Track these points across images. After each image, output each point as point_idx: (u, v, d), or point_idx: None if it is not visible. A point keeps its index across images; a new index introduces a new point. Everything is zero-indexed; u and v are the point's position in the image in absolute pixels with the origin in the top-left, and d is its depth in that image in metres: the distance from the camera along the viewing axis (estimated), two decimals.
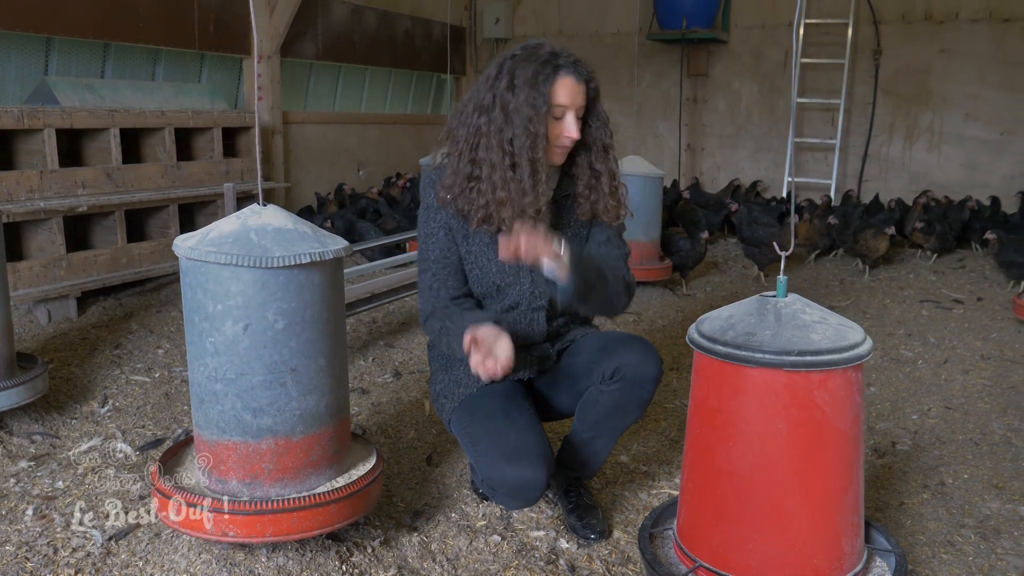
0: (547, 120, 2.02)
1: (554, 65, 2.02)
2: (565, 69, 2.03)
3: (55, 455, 2.62)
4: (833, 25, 7.34)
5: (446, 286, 2.15)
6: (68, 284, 4.07)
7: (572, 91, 2.04)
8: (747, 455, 1.71)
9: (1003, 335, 4.21)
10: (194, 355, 1.91)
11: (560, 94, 2.02)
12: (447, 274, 2.15)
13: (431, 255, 2.16)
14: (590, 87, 2.09)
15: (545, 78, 2.01)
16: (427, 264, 2.17)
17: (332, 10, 6.71)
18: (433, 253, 2.15)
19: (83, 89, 4.60)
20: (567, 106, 2.04)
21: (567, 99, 2.03)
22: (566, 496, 2.28)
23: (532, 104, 2.00)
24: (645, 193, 4.88)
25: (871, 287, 5.27)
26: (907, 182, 7.40)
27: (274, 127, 6.17)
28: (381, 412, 3.07)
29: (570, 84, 2.03)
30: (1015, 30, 6.88)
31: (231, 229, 1.84)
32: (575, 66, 2.05)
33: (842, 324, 1.74)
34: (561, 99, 2.03)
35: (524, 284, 2.16)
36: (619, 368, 2.05)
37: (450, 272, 2.16)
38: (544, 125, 2.02)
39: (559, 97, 2.02)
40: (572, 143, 2.08)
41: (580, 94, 2.06)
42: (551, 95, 2.01)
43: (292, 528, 1.88)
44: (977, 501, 2.45)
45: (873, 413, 3.16)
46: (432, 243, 2.15)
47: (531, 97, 2.00)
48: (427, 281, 2.17)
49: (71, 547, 2.07)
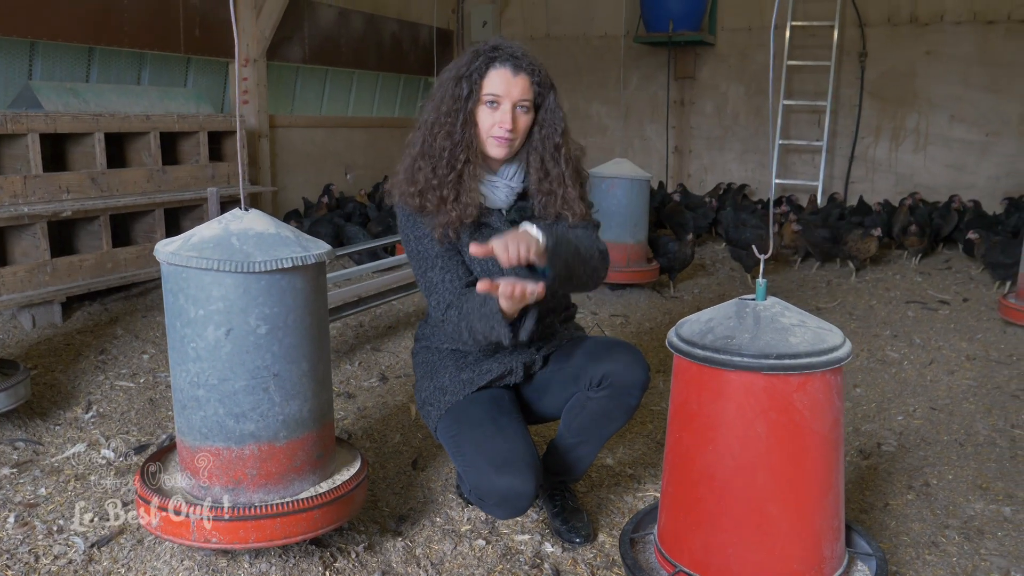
0: (474, 110, 2.04)
1: (489, 57, 2.05)
2: (500, 60, 2.04)
3: (38, 462, 2.60)
4: (819, 27, 7.38)
5: (458, 276, 2.10)
6: (53, 289, 4.04)
7: (507, 81, 2.04)
8: (726, 459, 1.71)
9: (988, 336, 4.23)
10: (176, 360, 1.90)
11: (492, 83, 2.04)
12: (454, 264, 2.11)
13: (431, 251, 2.11)
14: (534, 81, 2.07)
15: (476, 68, 2.04)
16: (431, 261, 2.11)
17: (318, 13, 6.70)
18: (433, 249, 2.11)
19: (67, 93, 4.58)
20: (500, 95, 2.04)
21: (500, 88, 2.04)
22: (551, 500, 2.28)
23: (455, 96, 2.03)
24: (632, 196, 4.89)
25: (857, 288, 5.29)
26: (893, 183, 7.44)
27: (260, 131, 6.16)
28: (367, 416, 3.06)
29: (504, 74, 2.04)
30: (999, 32, 6.92)
31: (212, 234, 1.84)
32: (514, 59, 2.05)
33: (821, 327, 1.74)
34: (493, 88, 2.03)
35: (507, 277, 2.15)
36: (607, 375, 2.05)
37: (456, 263, 2.11)
38: (463, 115, 2.03)
39: (491, 86, 2.03)
40: (509, 134, 2.06)
41: (519, 87, 2.05)
42: (482, 85, 2.03)
43: (275, 534, 1.87)
44: (961, 502, 2.46)
45: (859, 414, 3.17)
46: (427, 242, 2.11)
47: (461, 88, 2.03)
48: (437, 276, 2.11)
49: (52, 554, 2.06)
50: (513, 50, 2.07)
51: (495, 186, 2.15)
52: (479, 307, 1.98)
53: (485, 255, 1.87)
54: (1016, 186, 6.97)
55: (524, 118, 2.09)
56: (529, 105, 2.08)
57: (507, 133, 2.06)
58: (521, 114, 2.07)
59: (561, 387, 2.18)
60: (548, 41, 8.42)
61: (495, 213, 2.16)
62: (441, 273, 2.12)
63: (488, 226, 2.15)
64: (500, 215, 2.17)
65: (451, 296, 2.10)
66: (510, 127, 2.05)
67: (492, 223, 2.15)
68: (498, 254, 1.84)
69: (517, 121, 2.07)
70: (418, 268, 2.15)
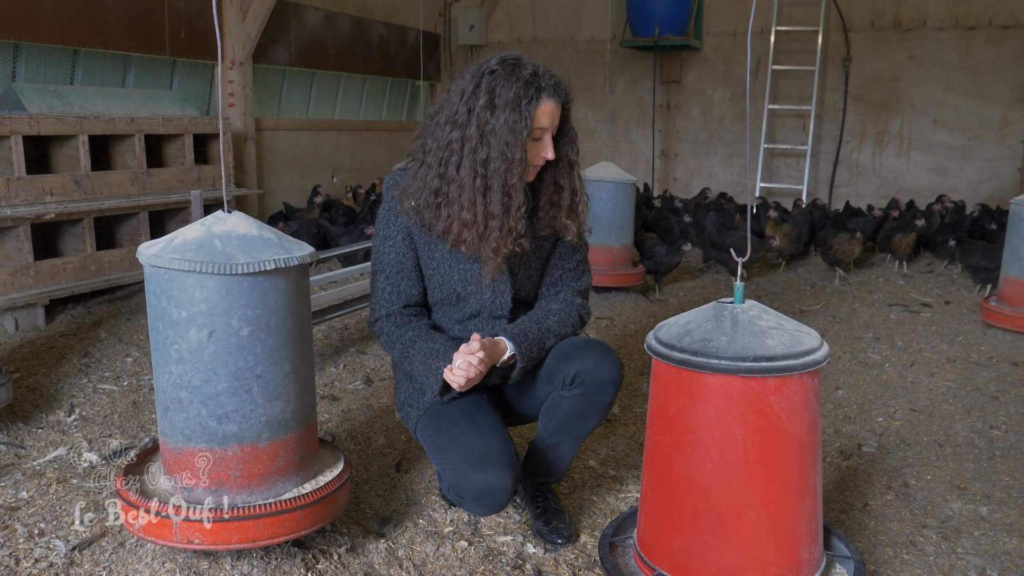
0: (527, 144, 2.01)
1: (537, 87, 1.99)
2: (547, 92, 2.01)
3: (20, 465, 2.59)
4: (804, 32, 7.43)
5: (399, 291, 2.17)
6: (36, 292, 4.03)
7: (552, 114, 2.03)
8: (704, 462, 1.72)
9: (969, 338, 4.28)
10: (159, 362, 1.90)
11: (542, 118, 2.01)
12: (401, 278, 2.17)
13: (386, 258, 2.17)
14: (566, 108, 2.09)
15: (528, 101, 1.98)
16: (381, 267, 2.18)
17: (305, 16, 6.70)
18: (388, 256, 2.16)
19: (51, 96, 4.56)
20: (547, 128, 2.04)
21: (547, 122, 2.03)
22: (533, 501, 2.29)
23: (512, 128, 1.97)
24: (618, 199, 4.91)
25: (841, 291, 5.33)
26: (877, 187, 7.50)
27: (247, 133, 6.15)
28: (351, 419, 3.07)
29: (551, 108, 2.02)
30: (980, 37, 6.99)
31: (195, 236, 1.84)
32: (555, 88, 2.03)
33: (798, 330, 1.76)
34: (542, 122, 2.02)
35: (485, 293, 2.17)
36: (578, 373, 2.07)
37: (404, 277, 2.17)
38: (523, 150, 2.00)
39: (540, 120, 2.01)
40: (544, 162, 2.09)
41: (558, 115, 2.06)
42: (533, 119, 1.99)
43: (258, 535, 1.87)
44: (939, 502, 2.49)
45: (840, 416, 3.19)
46: (389, 246, 2.16)
47: (511, 120, 1.97)
48: (381, 284, 2.19)
49: (33, 557, 2.05)
50: (557, 78, 2.05)
51: None
52: (425, 355, 2.09)
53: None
54: (997, 190, 7.05)
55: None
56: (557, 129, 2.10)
57: (543, 162, 2.07)
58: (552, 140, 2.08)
59: (538, 387, 2.20)
60: (535, 45, 8.44)
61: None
62: (385, 282, 2.18)
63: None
64: None
65: (385, 309, 2.19)
66: (552, 157, 2.06)
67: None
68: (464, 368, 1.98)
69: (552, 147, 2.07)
70: (372, 266, 2.23)
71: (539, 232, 2.19)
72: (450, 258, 2.14)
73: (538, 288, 2.28)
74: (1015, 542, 2.25)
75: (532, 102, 1.98)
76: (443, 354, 2.05)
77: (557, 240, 2.23)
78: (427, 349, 2.09)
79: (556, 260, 2.25)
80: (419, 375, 2.12)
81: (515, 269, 2.18)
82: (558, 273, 2.25)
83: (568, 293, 2.25)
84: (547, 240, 2.22)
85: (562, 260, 2.25)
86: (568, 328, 2.20)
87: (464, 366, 1.96)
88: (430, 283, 2.19)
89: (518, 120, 1.97)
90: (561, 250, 2.24)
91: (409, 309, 2.20)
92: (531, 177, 2.10)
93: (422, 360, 2.08)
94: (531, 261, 2.20)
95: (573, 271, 2.26)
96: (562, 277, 2.25)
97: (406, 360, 2.15)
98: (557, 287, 2.25)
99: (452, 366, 1.99)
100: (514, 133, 1.97)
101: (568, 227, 2.17)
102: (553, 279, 2.26)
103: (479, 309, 2.18)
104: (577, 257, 2.27)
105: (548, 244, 2.23)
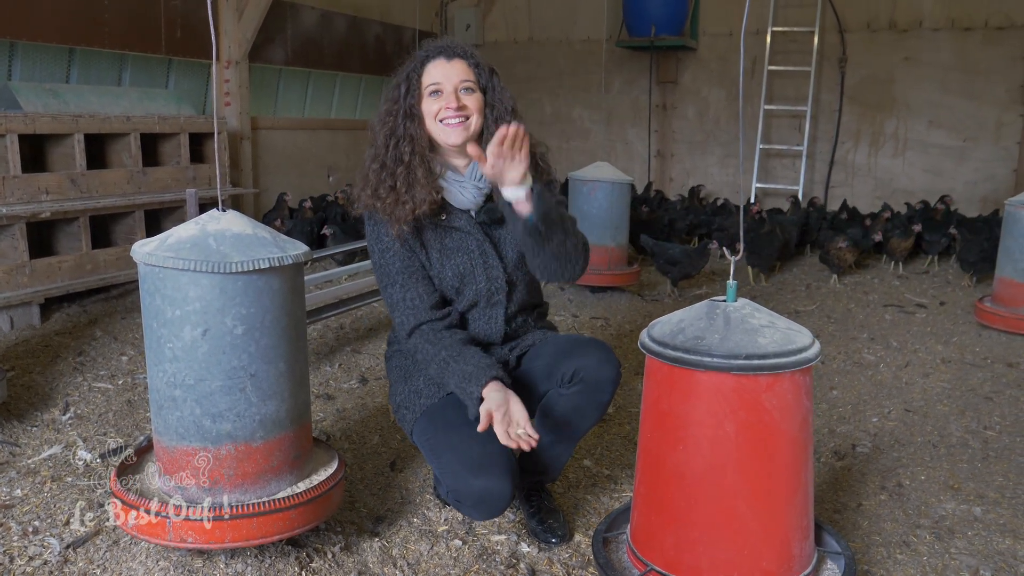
0: (417, 105, 2.09)
1: (422, 56, 2.11)
2: (432, 54, 2.11)
3: (14, 463, 2.59)
4: (799, 33, 7.44)
5: (419, 295, 2.13)
6: (31, 291, 4.02)
7: (443, 68, 2.09)
8: (696, 459, 1.73)
9: (964, 339, 4.29)
10: (153, 361, 1.90)
11: (430, 75, 2.09)
12: (415, 283, 2.13)
13: (393, 268, 2.14)
14: (471, 63, 2.12)
15: (412, 68, 2.11)
16: (391, 278, 2.14)
17: (301, 16, 6.69)
18: (394, 265, 2.14)
19: (47, 94, 4.55)
20: (439, 82, 2.08)
21: (439, 76, 2.09)
22: (528, 500, 2.29)
23: (394, 97, 2.11)
24: (613, 199, 4.92)
25: (836, 292, 5.34)
26: (872, 188, 7.51)
27: (243, 133, 6.15)
28: (346, 418, 3.07)
29: (439, 63, 2.10)
30: (976, 38, 7.00)
31: (190, 235, 1.84)
32: (445, 49, 2.11)
33: (790, 328, 1.76)
34: (432, 78, 2.09)
35: (480, 281, 2.17)
36: (577, 371, 2.06)
37: (417, 280, 2.14)
38: (403, 110, 2.09)
39: (429, 78, 2.09)
40: (458, 113, 2.07)
41: (456, 69, 2.09)
42: (420, 81, 2.09)
43: (251, 534, 1.87)
44: (933, 502, 2.49)
45: (834, 416, 3.20)
46: (390, 256, 2.14)
47: (396, 90, 2.11)
48: (397, 295, 2.14)
49: (27, 555, 2.05)
50: (443, 42, 2.13)
51: (462, 186, 2.16)
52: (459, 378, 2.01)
53: (477, 157, 1.96)
54: (992, 191, 7.06)
55: (471, 98, 2.10)
56: (472, 86, 2.10)
57: (455, 112, 2.07)
58: (466, 94, 2.10)
59: (535, 385, 2.19)
60: (531, 45, 8.45)
61: (463, 215, 2.17)
62: (401, 291, 2.14)
63: (457, 229, 2.16)
64: (469, 217, 2.18)
65: (414, 319, 2.12)
66: (455, 105, 2.07)
67: (461, 226, 2.16)
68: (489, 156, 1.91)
69: (463, 100, 2.09)
70: (380, 283, 2.19)
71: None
72: (441, 256, 2.14)
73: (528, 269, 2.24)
74: (1008, 542, 2.26)
75: (417, 67, 2.11)
76: (475, 378, 1.97)
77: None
78: (461, 372, 2.02)
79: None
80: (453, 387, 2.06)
81: (503, 251, 2.19)
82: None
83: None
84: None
85: None
86: (575, 223, 2.14)
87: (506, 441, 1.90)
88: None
89: (404, 87, 2.10)
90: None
91: (437, 313, 2.14)
92: (454, 137, 2.08)
93: (456, 384, 2.02)
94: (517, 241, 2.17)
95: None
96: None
97: (441, 378, 2.10)
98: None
99: (510, 432, 1.89)
100: (395, 100, 2.11)
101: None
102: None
103: (475, 299, 2.18)
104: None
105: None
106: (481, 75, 2.12)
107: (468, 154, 2.10)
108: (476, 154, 1.96)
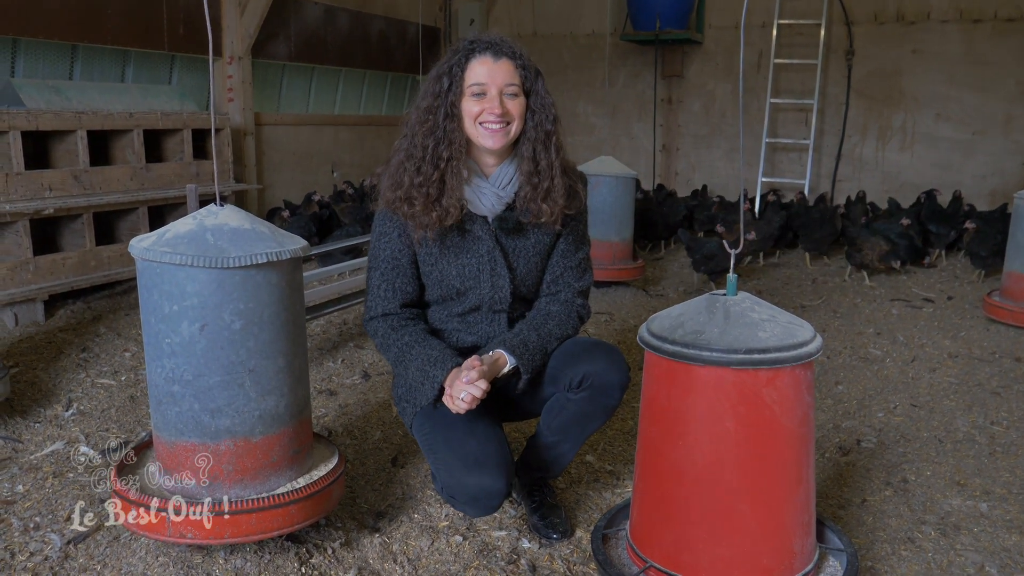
0: (457, 103, 2.03)
1: (468, 49, 2.03)
2: (480, 50, 2.03)
3: (17, 459, 2.59)
4: (806, 26, 7.39)
5: (394, 288, 2.14)
6: (35, 287, 4.02)
7: (490, 68, 2.02)
8: (696, 454, 1.71)
9: (972, 333, 4.26)
10: (151, 356, 1.89)
11: (475, 73, 2.02)
12: (395, 275, 2.14)
13: (381, 254, 2.14)
14: (518, 65, 2.05)
15: (456, 61, 2.03)
16: (376, 263, 2.15)
17: (304, 11, 6.68)
18: (384, 252, 2.14)
19: (50, 91, 4.55)
20: (485, 83, 2.02)
21: (484, 76, 2.02)
22: (529, 496, 2.28)
23: (436, 92, 2.03)
24: (618, 193, 4.90)
25: (843, 286, 5.31)
26: (880, 182, 7.47)
27: (246, 129, 6.14)
28: (348, 414, 3.06)
29: (486, 62, 2.02)
30: (985, 31, 6.95)
31: (187, 230, 1.83)
32: (493, 46, 2.03)
33: (791, 322, 1.74)
34: (477, 77, 2.02)
35: (484, 288, 2.15)
36: (586, 376, 2.04)
37: (398, 274, 2.14)
38: (444, 108, 2.02)
39: (474, 76, 2.02)
40: (499, 119, 2.02)
41: (503, 71, 2.03)
42: (464, 77, 2.02)
43: (251, 529, 1.87)
44: (939, 498, 2.47)
45: (840, 411, 3.18)
46: (384, 242, 2.14)
47: (438, 84, 2.03)
48: (375, 281, 2.15)
49: (28, 551, 2.05)
50: (491, 38, 2.05)
51: (482, 192, 2.11)
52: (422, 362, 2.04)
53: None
54: (1001, 184, 7.01)
55: (514, 102, 2.04)
56: (517, 90, 2.05)
57: (497, 118, 2.02)
58: (510, 99, 2.04)
59: (541, 387, 2.17)
60: (535, 39, 8.41)
61: (479, 220, 2.14)
62: (379, 279, 2.15)
63: (471, 233, 2.13)
64: (485, 222, 2.15)
65: (381, 308, 2.15)
66: (499, 111, 2.02)
67: (475, 231, 2.14)
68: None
69: (506, 105, 2.03)
70: (368, 261, 2.20)
71: (522, 219, 2.14)
72: (448, 253, 2.12)
73: (538, 284, 2.24)
74: (1015, 538, 2.23)
75: (461, 61, 2.03)
76: (441, 362, 2.00)
77: (560, 236, 2.20)
78: (424, 356, 2.04)
79: (557, 257, 2.22)
80: (414, 381, 2.08)
81: (513, 262, 2.16)
82: (559, 270, 2.21)
83: (569, 294, 2.22)
84: (546, 233, 2.18)
85: (564, 258, 2.21)
86: (568, 330, 2.18)
87: (467, 398, 1.91)
88: (428, 280, 2.17)
89: (447, 81, 2.03)
90: (563, 247, 2.21)
91: (406, 310, 2.16)
92: (491, 142, 2.05)
93: (418, 367, 2.04)
94: (530, 255, 2.17)
95: (574, 269, 2.22)
96: (563, 275, 2.22)
97: (401, 365, 2.12)
98: (558, 285, 2.22)
99: (453, 395, 1.93)
100: (437, 96, 2.03)
101: (543, 211, 2.09)
102: (554, 276, 2.22)
103: (478, 303, 2.17)
104: (579, 255, 2.23)
105: (548, 238, 2.19)
106: (527, 78, 2.07)
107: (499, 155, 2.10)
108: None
